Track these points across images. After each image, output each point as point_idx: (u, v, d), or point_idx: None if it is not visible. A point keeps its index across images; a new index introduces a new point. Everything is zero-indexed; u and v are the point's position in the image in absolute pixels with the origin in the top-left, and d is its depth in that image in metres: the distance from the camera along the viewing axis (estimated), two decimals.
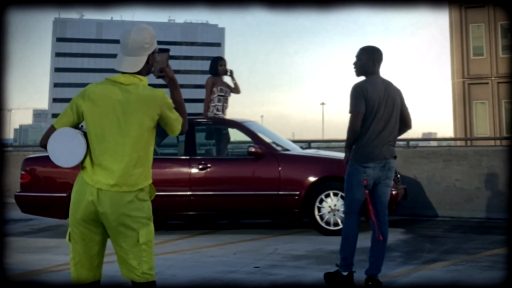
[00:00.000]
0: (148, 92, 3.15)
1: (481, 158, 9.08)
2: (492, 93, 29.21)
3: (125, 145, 3.06)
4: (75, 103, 3.11)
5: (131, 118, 3.08)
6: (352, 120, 4.77)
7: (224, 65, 8.73)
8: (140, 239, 3.08)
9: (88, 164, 3.08)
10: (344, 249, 4.89)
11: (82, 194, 3.05)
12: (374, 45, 5.00)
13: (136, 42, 3.16)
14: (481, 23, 29.86)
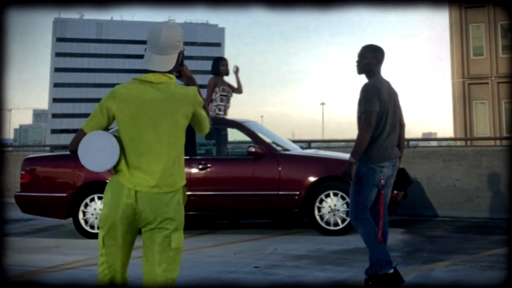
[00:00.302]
0: (181, 91, 3.07)
1: (481, 158, 9.08)
2: (492, 93, 29.20)
3: (162, 145, 2.99)
4: (105, 105, 3.02)
5: (166, 117, 3.00)
6: (368, 119, 4.61)
7: (225, 65, 8.73)
8: (172, 243, 3.05)
9: (124, 167, 3.03)
10: (376, 253, 4.67)
11: (118, 197, 3.02)
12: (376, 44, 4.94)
13: (168, 40, 3.08)
14: (481, 23, 29.85)
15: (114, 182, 3.08)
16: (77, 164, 8.56)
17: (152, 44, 3.06)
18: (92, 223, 7.73)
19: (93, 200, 7.77)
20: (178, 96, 3.03)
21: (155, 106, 2.99)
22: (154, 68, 3.04)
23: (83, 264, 6.13)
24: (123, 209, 2.99)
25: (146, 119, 2.98)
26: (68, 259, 6.34)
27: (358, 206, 4.73)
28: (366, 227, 4.72)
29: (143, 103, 2.99)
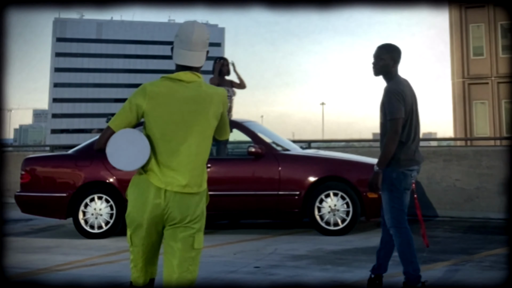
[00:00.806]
0: (212, 90, 3.09)
1: (481, 158, 9.08)
2: (492, 93, 29.19)
3: (193, 145, 2.99)
4: (135, 103, 2.98)
5: (197, 116, 3.00)
6: (395, 127, 4.48)
7: (225, 64, 8.70)
8: (194, 244, 3.04)
9: (154, 166, 2.97)
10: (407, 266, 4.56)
11: (146, 197, 2.96)
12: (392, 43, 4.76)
13: (200, 37, 3.09)
14: (481, 23, 29.85)
15: (141, 181, 3.00)
16: (77, 164, 8.62)
17: (184, 41, 3.07)
18: (92, 223, 7.73)
19: (93, 200, 7.77)
20: (210, 96, 3.04)
21: (187, 104, 2.98)
22: (188, 63, 3.05)
23: (83, 264, 6.13)
24: (151, 209, 2.95)
25: (177, 118, 2.97)
26: (68, 259, 6.34)
27: (398, 213, 4.56)
28: (404, 236, 4.56)
29: (174, 101, 2.97)
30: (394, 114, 4.48)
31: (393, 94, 4.51)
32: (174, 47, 3.10)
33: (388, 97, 4.53)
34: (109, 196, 7.76)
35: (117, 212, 7.72)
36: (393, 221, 4.58)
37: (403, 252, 4.56)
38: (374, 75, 4.70)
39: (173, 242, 2.99)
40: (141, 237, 3.01)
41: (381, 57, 4.63)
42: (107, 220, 7.73)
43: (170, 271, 3.01)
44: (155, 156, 2.97)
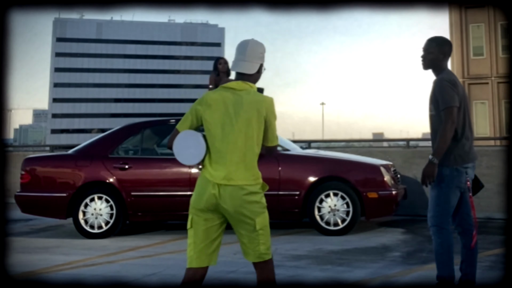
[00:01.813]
0: (258, 97, 3.52)
1: (481, 158, 9.07)
2: (492, 93, 29.20)
3: (238, 144, 3.43)
4: (195, 108, 3.52)
5: (243, 119, 3.45)
6: (451, 115, 4.20)
7: (223, 63, 8.74)
8: (256, 226, 3.46)
9: (208, 162, 3.47)
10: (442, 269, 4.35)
11: (205, 188, 3.43)
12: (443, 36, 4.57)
13: (253, 50, 3.60)
14: (481, 23, 29.85)
15: (202, 176, 3.50)
16: (77, 164, 8.62)
17: (240, 52, 3.62)
18: (92, 223, 7.73)
19: (93, 200, 7.77)
20: (255, 101, 3.49)
21: (234, 109, 3.46)
22: (240, 70, 3.58)
23: (83, 264, 6.13)
24: (207, 199, 3.42)
25: (226, 121, 3.46)
26: (68, 259, 6.35)
27: (442, 212, 4.38)
28: (444, 237, 4.37)
29: (225, 107, 3.47)
30: (448, 103, 4.23)
31: (446, 83, 4.28)
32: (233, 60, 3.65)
33: (440, 86, 4.30)
34: (109, 196, 7.76)
35: (117, 212, 7.72)
36: (436, 219, 4.39)
37: (441, 255, 4.35)
38: (423, 68, 4.50)
39: (236, 229, 3.53)
40: (201, 221, 3.47)
41: (430, 51, 4.44)
42: (107, 220, 7.73)
43: (244, 247, 3.54)
44: (209, 153, 3.48)
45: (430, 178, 4.27)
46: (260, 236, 3.48)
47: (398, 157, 9.71)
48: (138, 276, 5.53)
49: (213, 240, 3.54)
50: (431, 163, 4.26)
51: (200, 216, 3.47)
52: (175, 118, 8.87)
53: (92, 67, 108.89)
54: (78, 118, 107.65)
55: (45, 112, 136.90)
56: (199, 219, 3.47)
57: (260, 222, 3.47)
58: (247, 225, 3.48)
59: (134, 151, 8.46)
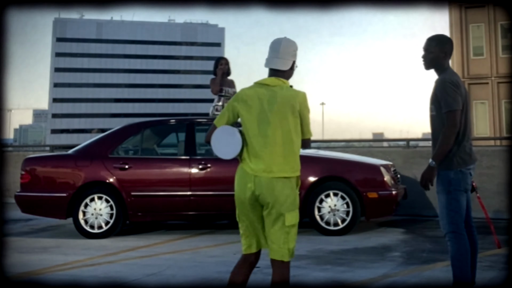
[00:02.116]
0: (291, 92, 3.67)
1: (481, 158, 9.07)
2: (492, 93, 29.19)
3: (276, 138, 3.60)
4: (232, 105, 3.72)
5: (277, 114, 3.61)
6: (454, 119, 4.12)
7: (224, 64, 8.71)
8: (286, 222, 3.55)
9: (245, 156, 3.66)
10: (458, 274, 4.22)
11: (244, 181, 3.67)
12: (443, 34, 4.48)
13: (286, 47, 3.75)
14: (481, 23, 29.84)
15: (240, 169, 3.72)
16: (77, 164, 8.62)
17: (273, 50, 3.75)
18: (92, 223, 7.72)
19: (93, 200, 7.76)
20: (288, 96, 3.64)
21: (269, 104, 3.62)
22: (274, 67, 3.72)
23: (83, 264, 6.13)
24: (247, 191, 3.65)
25: (261, 116, 3.62)
26: (68, 259, 6.34)
27: (456, 217, 4.25)
28: (462, 243, 4.22)
29: (260, 102, 3.64)
30: (451, 106, 4.15)
31: (449, 85, 4.19)
32: (267, 57, 3.77)
33: (443, 87, 4.20)
34: (109, 196, 7.76)
35: (117, 212, 7.72)
36: (451, 226, 4.24)
37: (459, 261, 4.22)
38: (425, 68, 4.42)
39: (268, 220, 3.60)
40: (244, 213, 3.71)
41: (430, 50, 4.36)
42: (107, 220, 7.72)
43: (269, 242, 3.60)
44: (246, 147, 3.66)
45: (429, 181, 4.19)
46: (289, 234, 3.57)
47: (398, 157, 9.71)
48: (138, 276, 5.53)
49: (261, 229, 3.69)
50: (430, 167, 4.20)
51: (243, 209, 3.71)
52: (175, 118, 8.86)
53: (92, 67, 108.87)
54: (78, 118, 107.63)
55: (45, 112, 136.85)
56: (243, 211, 3.71)
57: (290, 219, 3.56)
58: (277, 220, 3.57)
59: (134, 151, 8.45)
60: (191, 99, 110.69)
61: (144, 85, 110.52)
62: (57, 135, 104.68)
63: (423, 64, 4.43)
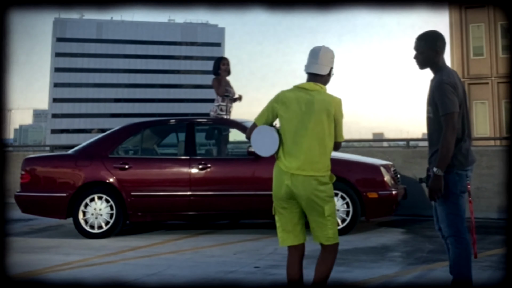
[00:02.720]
0: (327, 97, 3.98)
1: (481, 158, 9.07)
2: (492, 93, 29.19)
3: (311, 139, 3.88)
4: (272, 105, 4.00)
5: (314, 116, 3.89)
6: (452, 122, 4.01)
7: (226, 64, 8.71)
8: (325, 212, 3.90)
9: (282, 154, 3.93)
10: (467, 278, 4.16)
11: (280, 178, 3.91)
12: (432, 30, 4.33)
13: (324, 54, 4.03)
14: (481, 23, 29.84)
15: (277, 166, 3.97)
16: (77, 164, 8.61)
17: (312, 56, 4.04)
18: (92, 223, 7.72)
19: (93, 200, 7.76)
20: (324, 100, 3.94)
21: (306, 107, 3.91)
22: (313, 71, 4.01)
23: (83, 264, 6.13)
24: (283, 188, 3.89)
25: (299, 118, 3.90)
26: (68, 259, 6.34)
27: (456, 220, 4.11)
28: (463, 247, 4.12)
29: (298, 105, 3.92)
30: (449, 108, 4.02)
31: (446, 86, 4.05)
32: (306, 63, 4.06)
33: (440, 89, 4.07)
34: (109, 196, 7.75)
35: (117, 212, 7.72)
36: (452, 229, 4.12)
37: (460, 265, 4.13)
38: (419, 68, 4.32)
39: (308, 214, 3.93)
40: (281, 208, 3.96)
41: (421, 50, 4.22)
42: (107, 220, 7.72)
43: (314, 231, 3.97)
44: (283, 146, 3.93)
45: (438, 192, 4.02)
46: (328, 222, 3.92)
47: (398, 157, 9.71)
48: (138, 276, 5.53)
49: (296, 224, 3.99)
50: (437, 175, 4.02)
51: (280, 204, 3.95)
52: (175, 118, 8.86)
53: (92, 67, 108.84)
54: (78, 118, 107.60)
55: (45, 112, 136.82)
56: (280, 207, 3.96)
57: (328, 209, 3.90)
58: (317, 212, 3.90)
59: (134, 151, 8.46)
60: (191, 99, 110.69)
61: (144, 85, 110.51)
62: (57, 135, 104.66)
63: (417, 65, 4.32)
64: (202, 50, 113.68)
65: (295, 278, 4.03)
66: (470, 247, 4.14)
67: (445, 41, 4.27)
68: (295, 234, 4.00)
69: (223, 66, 8.67)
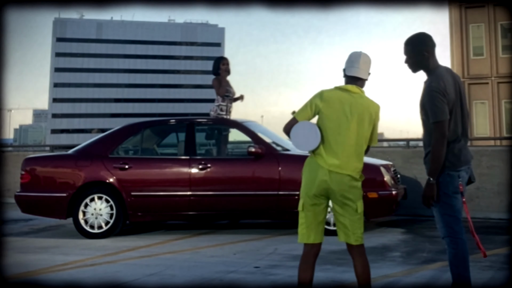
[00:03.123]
0: (370, 102, 4.13)
1: (481, 158, 9.07)
2: (492, 93, 29.19)
3: (351, 140, 4.01)
4: (314, 103, 4.09)
5: (356, 119, 4.02)
6: (442, 130, 3.99)
7: (226, 64, 8.72)
8: (358, 209, 4.03)
9: (322, 151, 4.03)
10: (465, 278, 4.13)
11: (315, 174, 4.03)
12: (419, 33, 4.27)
13: (365, 59, 4.18)
14: (481, 23, 29.83)
15: (312, 162, 4.10)
16: (77, 164, 8.61)
17: (354, 61, 4.16)
18: (92, 223, 7.72)
19: (93, 200, 7.76)
20: (367, 105, 4.09)
21: (349, 108, 4.03)
22: (356, 75, 4.12)
23: (83, 264, 6.13)
24: (318, 184, 4.00)
25: (342, 117, 4.02)
26: (68, 259, 6.34)
27: (451, 220, 4.11)
28: (459, 247, 4.11)
29: (341, 105, 4.04)
30: (438, 117, 3.99)
31: (435, 93, 4.01)
32: (346, 67, 4.17)
33: (429, 96, 4.04)
34: (109, 196, 7.75)
35: (117, 212, 7.72)
36: (447, 230, 4.12)
37: (457, 266, 4.12)
38: (412, 72, 4.28)
39: (340, 210, 4.04)
40: (312, 204, 4.04)
41: (409, 55, 4.22)
42: (107, 220, 7.72)
43: (344, 229, 4.05)
44: (323, 143, 4.03)
45: (431, 199, 4.05)
46: (359, 220, 4.04)
47: (398, 157, 9.71)
48: (138, 276, 5.53)
49: (320, 222, 4.09)
50: (429, 183, 4.05)
51: (310, 201, 4.04)
52: (175, 118, 8.87)
53: (92, 67, 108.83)
54: (78, 118, 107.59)
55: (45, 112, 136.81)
56: (309, 204, 4.04)
57: (360, 206, 4.03)
58: (350, 208, 4.01)
59: (134, 151, 8.46)
60: (191, 99, 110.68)
61: (144, 85, 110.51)
62: (57, 135, 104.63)
63: (409, 69, 4.29)
64: (202, 50, 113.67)
65: (306, 281, 4.04)
66: (466, 248, 4.12)
67: (433, 42, 4.21)
68: (317, 232, 4.08)
69: (223, 66, 8.68)
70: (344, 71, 4.21)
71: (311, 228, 4.07)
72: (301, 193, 4.10)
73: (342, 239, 4.09)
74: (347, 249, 4.11)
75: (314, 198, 4.03)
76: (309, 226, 4.06)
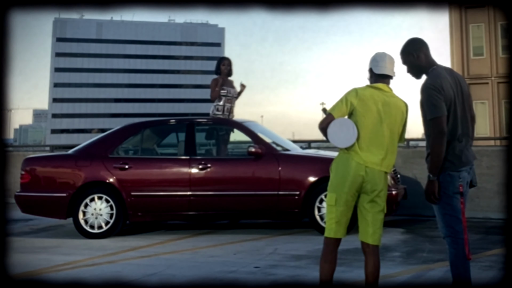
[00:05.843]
0: (401, 101, 4.24)
1: (481, 158, 9.07)
2: (492, 93, 29.19)
3: (385, 137, 4.12)
4: (349, 100, 4.14)
5: (389, 116, 4.13)
6: (439, 127, 3.99)
7: (226, 64, 8.72)
8: (384, 209, 4.14)
9: (357, 148, 4.09)
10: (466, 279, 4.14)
11: (348, 170, 4.10)
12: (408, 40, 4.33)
13: (391, 59, 4.28)
14: (481, 23, 29.84)
15: (344, 158, 4.15)
16: (77, 164, 8.61)
17: (381, 60, 4.24)
18: (92, 223, 7.72)
19: (93, 200, 7.76)
20: (399, 104, 4.21)
21: (383, 106, 4.13)
22: (387, 73, 4.22)
23: (83, 264, 6.13)
24: (353, 179, 4.08)
25: (376, 115, 4.11)
26: (68, 259, 6.35)
27: (451, 220, 4.11)
28: (459, 248, 4.08)
29: (375, 103, 4.13)
30: (434, 113, 4.01)
31: (430, 90, 4.03)
32: (373, 67, 4.25)
33: (425, 94, 4.06)
34: (109, 196, 7.76)
35: (117, 212, 7.72)
36: (448, 230, 4.12)
37: (457, 266, 4.12)
38: (416, 79, 4.31)
39: (368, 206, 4.11)
40: (345, 199, 4.09)
41: (405, 64, 4.28)
42: (107, 220, 7.72)
43: (366, 226, 4.15)
44: (358, 140, 4.09)
45: (433, 195, 4.15)
46: (382, 221, 4.15)
47: (398, 157, 9.70)
48: (138, 276, 5.53)
49: (348, 219, 4.15)
50: (430, 180, 4.14)
51: (344, 197, 4.09)
52: (175, 118, 8.87)
53: (92, 67, 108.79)
54: (78, 118, 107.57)
55: (45, 112, 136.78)
56: (342, 200, 4.10)
57: (385, 207, 4.16)
58: (377, 205, 4.11)
59: (134, 151, 8.46)
60: (191, 99, 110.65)
61: (144, 85, 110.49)
62: (57, 135, 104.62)
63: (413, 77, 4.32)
64: (202, 50, 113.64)
65: (328, 278, 4.09)
66: (464, 247, 4.11)
67: (421, 43, 4.25)
68: (344, 228, 4.17)
69: (223, 66, 8.69)
70: (370, 70, 4.28)
71: (341, 224, 4.13)
72: (333, 189, 4.18)
73: (361, 237, 4.17)
74: (362, 247, 4.16)
75: (348, 195, 4.09)
76: (339, 221, 4.12)
